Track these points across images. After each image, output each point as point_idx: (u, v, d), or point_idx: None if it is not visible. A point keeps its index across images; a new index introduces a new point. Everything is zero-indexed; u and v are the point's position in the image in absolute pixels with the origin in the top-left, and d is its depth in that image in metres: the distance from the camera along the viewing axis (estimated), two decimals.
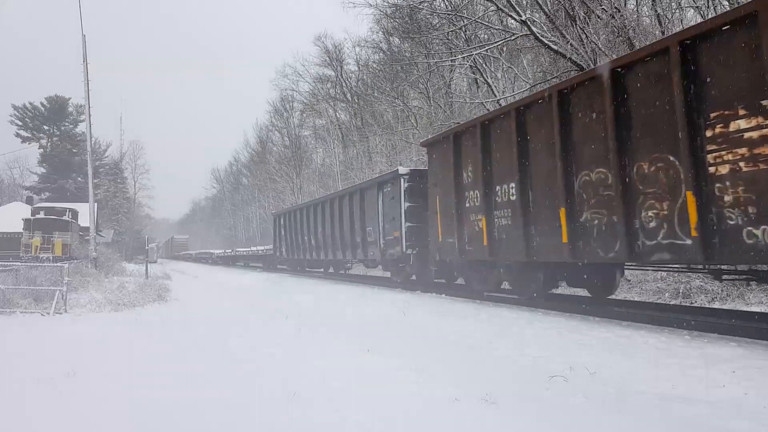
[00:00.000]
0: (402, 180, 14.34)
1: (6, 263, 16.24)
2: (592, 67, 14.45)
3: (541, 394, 4.85)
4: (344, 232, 18.16)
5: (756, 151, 6.03)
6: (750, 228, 6.09)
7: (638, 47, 14.72)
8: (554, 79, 17.08)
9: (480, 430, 4.04)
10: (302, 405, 4.52)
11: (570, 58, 14.53)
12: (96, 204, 27.93)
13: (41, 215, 30.40)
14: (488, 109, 20.94)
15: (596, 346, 6.67)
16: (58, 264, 14.66)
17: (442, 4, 21.82)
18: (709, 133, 6.51)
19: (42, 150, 58.85)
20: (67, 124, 60.05)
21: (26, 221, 29.35)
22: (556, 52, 14.85)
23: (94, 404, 4.75)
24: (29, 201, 47.05)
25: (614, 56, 14.88)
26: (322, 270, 24.83)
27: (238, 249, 49.07)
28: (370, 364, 6.17)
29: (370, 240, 16.13)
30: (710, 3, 17.24)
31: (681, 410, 4.35)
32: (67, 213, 32.11)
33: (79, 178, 54.52)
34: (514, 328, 8.26)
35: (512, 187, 9.78)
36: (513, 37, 16.56)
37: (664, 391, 4.89)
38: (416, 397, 4.82)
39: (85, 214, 29.52)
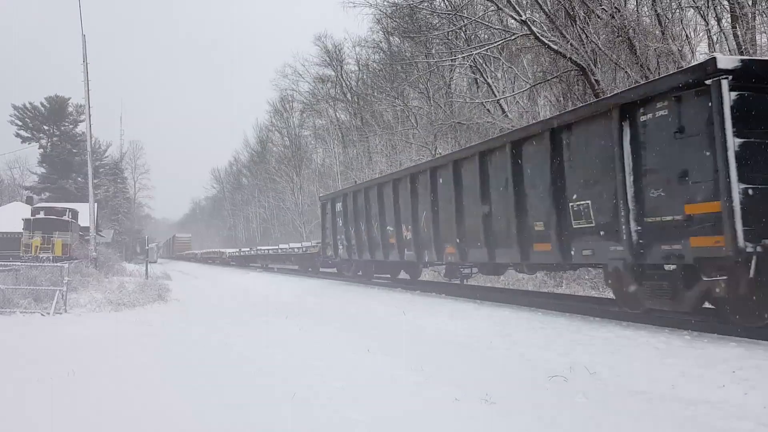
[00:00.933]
0: (721, 86, 6.07)
1: (6, 263, 16.22)
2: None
3: (541, 394, 4.85)
4: (493, 215, 10.14)
5: None
6: None
7: (638, 47, 14.77)
8: (554, 79, 17.10)
9: (480, 429, 4.04)
10: (302, 405, 4.52)
11: (570, 58, 14.53)
12: (96, 204, 27.93)
13: (41, 215, 30.35)
14: (488, 110, 20.98)
15: (596, 346, 6.66)
16: (58, 264, 14.66)
17: (442, 4, 21.81)
18: None
19: (42, 150, 58.84)
20: (67, 124, 60.03)
21: (26, 221, 29.32)
22: (556, 52, 14.85)
23: (94, 404, 4.74)
24: (29, 201, 47.01)
25: (614, 56, 14.92)
26: (389, 276, 18.53)
27: (260, 247, 39.31)
28: (370, 364, 6.17)
29: (582, 225, 8.11)
30: (710, 3, 17.26)
31: (681, 410, 4.35)
32: (67, 213, 32.06)
33: (79, 178, 54.51)
34: (514, 328, 8.25)
35: None
36: (513, 37, 16.56)
37: (664, 391, 4.89)
38: (416, 396, 4.82)
39: (85, 214, 29.49)
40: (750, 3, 16.59)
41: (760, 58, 8.03)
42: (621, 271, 7.74)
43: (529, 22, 14.66)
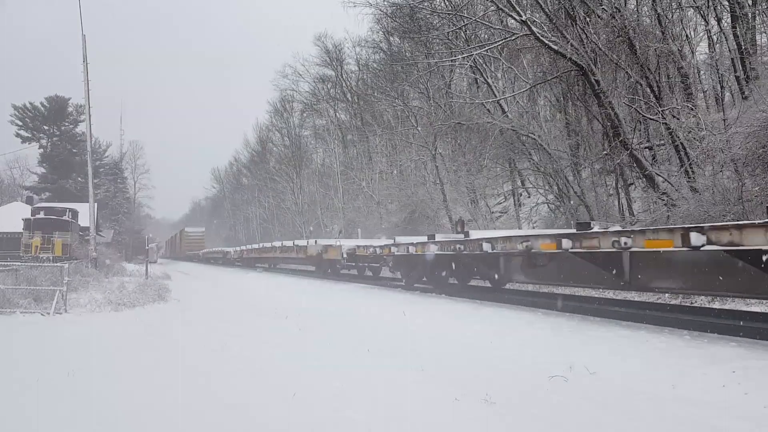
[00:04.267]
0: None
1: (6, 263, 16.21)
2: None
3: (541, 394, 4.85)
4: None
5: None
6: None
7: (638, 47, 14.77)
8: (554, 80, 17.10)
9: (479, 430, 4.03)
10: (302, 404, 4.52)
11: (570, 58, 14.51)
12: (96, 204, 27.92)
13: (41, 215, 30.34)
14: (488, 110, 20.99)
15: (596, 346, 6.66)
16: (58, 264, 14.65)
17: (442, 4, 21.83)
18: None
19: (42, 150, 58.81)
20: (67, 124, 59.99)
21: (26, 221, 29.31)
22: (556, 52, 14.84)
23: (93, 404, 4.74)
24: (29, 201, 46.97)
25: (614, 56, 14.91)
26: None
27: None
28: (370, 364, 6.16)
29: None
30: (710, 3, 17.27)
31: (681, 410, 4.35)
32: (67, 213, 32.05)
33: (79, 178, 54.47)
34: (514, 328, 8.25)
35: None
36: (513, 37, 16.56)
37: (664, 391, 4.88)
38: (416, 396, 4.82)
39: (85, 214, 29.48)
40: (750, 3, 16.61)
41: None
42: None
43: (529, 23, 14.65)
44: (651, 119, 15.37)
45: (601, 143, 17.45)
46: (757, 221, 6.22)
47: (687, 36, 18.03)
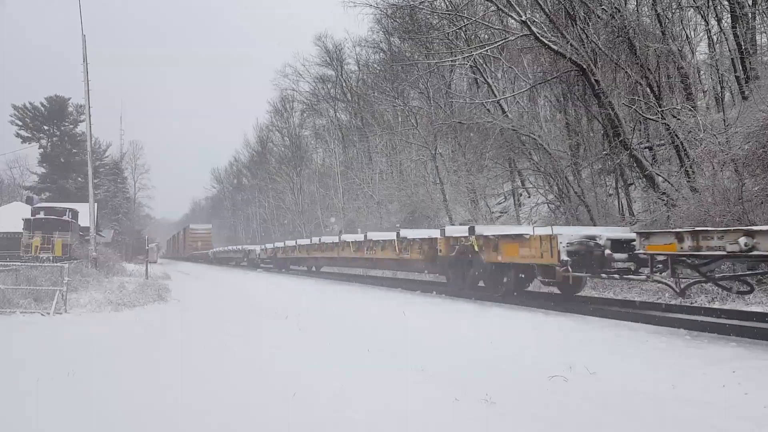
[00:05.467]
0: None
1: (6, 263, 16.20)
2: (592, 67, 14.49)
3: (541, 394, 4.85)
4: None
5: None
6: None
7: (638, 47, 14.76)
8: (554, 80, 17.09)
9: (479, 430, 4.03)
10: (302, 404, 4.52)
11: (570, 58, 14.50)
12: (96, 204, 27.90)
13: (41, 215, 30.29)
14: (489, 110, 20.99)
15: (596, 346, 6.66)
16: (58, 264, 14.63)
17: (442, 4, 21.80)
18: None
19: (42, 150, 58.78)
20: (67, 124, 59.97)
21: (26, 221, 29.28)
22: (556, 52, 14.82)
23: (93, 404, 4.74)
24: (29, 201, 46.91)
25: (614, 56, 14.90)
26: None
27: None
28: (370, 364, 6.16)
29: None
30: (710, 3, 17.26)
31: (681, 410, 4.35)
32: (67, 213, 32.01)
33: (79, 178, 54.46)
34: (514, 329, 8.25)
35: None
36: (513, 38, 16.53)
37: (664, 390, 4.88)
38: (416, 396, 4.82)
39: (85, 214, 29.44)
40: (750, 3, 16.60)
41: None
42: None
43: (528, 23, 14.63)
44: (651, 119, 15.35)
45: (601, 143, 17.43)
46: None
47: (687, 36, 18.02)
